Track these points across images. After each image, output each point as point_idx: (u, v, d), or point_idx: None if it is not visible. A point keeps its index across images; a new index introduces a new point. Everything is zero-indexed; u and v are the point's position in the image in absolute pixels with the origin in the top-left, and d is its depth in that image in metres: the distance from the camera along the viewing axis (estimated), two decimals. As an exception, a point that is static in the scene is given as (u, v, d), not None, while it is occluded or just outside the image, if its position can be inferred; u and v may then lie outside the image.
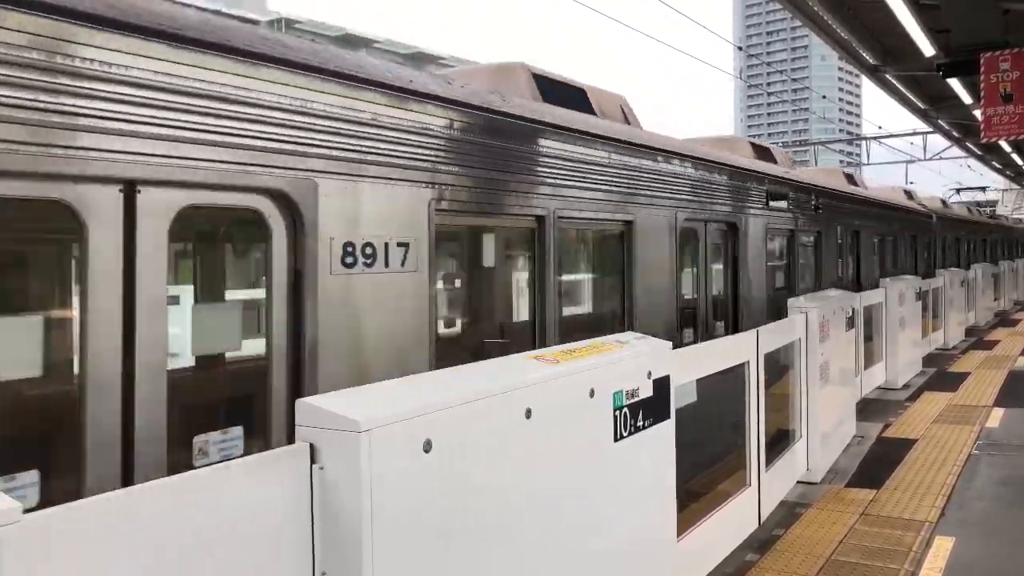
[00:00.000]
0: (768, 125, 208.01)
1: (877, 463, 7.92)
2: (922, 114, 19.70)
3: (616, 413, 3.72)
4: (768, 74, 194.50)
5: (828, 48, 14.29)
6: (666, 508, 4.24)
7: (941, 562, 5.39)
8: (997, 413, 10.07)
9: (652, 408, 4.02)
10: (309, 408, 2.44)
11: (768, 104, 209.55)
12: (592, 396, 3.54)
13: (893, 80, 15.99)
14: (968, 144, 25.63)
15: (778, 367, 7.08)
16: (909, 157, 36.92)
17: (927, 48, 12.61)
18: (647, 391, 3.98)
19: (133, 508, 1.98)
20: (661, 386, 4.11)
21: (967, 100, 15.63)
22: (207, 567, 2.12)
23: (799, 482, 7.19)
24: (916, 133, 31.54)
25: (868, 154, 38.54)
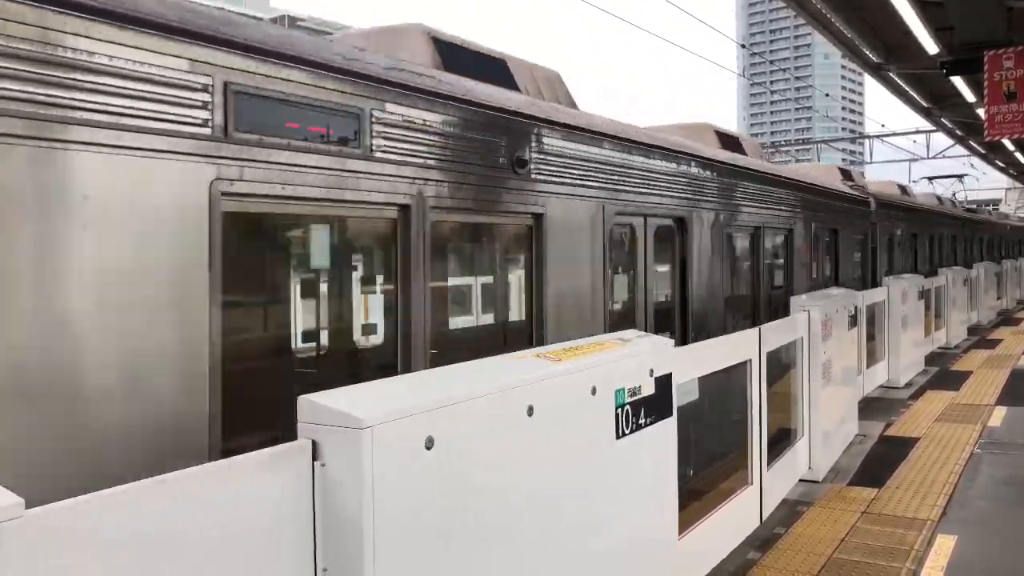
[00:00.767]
0: (771, 123, 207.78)
1: (879, 462, 7.92)
2: (925, 112, 19.67)
3: (618, 411, 3.71)
4: (771, 72, 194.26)
5: (831, 46, 14.25)
6: (668, 506, 4.24)
7: (943, 561, 5.39)
8: (999, 412, 10.06)
9: (654, 406, 4.02)
10: (311, 405, 2.44)
11: (771, 102, 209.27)
12: (594, 394, 3.54)
13: (896, 78, 15.96)
14: (971, 143, 25.58)
15: (780, 365, 7.07)
16: (912, 156, 36.86)
17: (930, 46, 12.58)
18: (649, 389, 3.98)
19: (135, 504, 1.98)
20: (663, 384, 4.11)
21: (970, 98, 15.59)
22: (209, 563, 2.12)
23: (801, 480, 7.19)
24: (919, 132, 31.47)
25: (871, 153, 38.47)
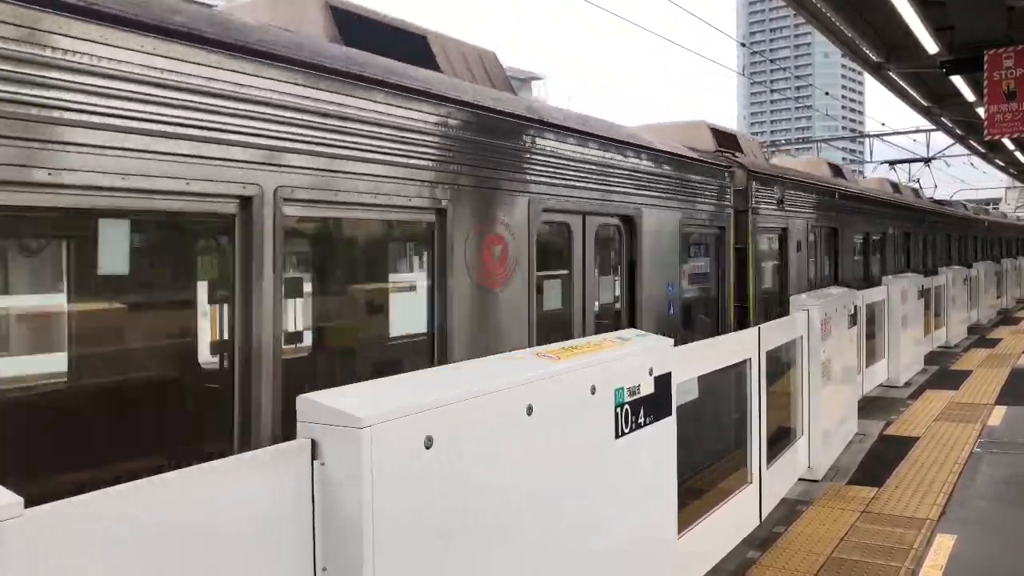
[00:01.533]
0: (771, 122, 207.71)
1: (878, 461, 7.92)
2: (925, 112, 19.65)
3: (617, 410, 3.72)
4: (771, 71, 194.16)
5: (831, 45, 14.25)
6: (667, 505, 4.24)
7: (942, 560, 5.39)
8: (999, 411, 10.07)
9: (653, 405, 4.02)
10: (311, 404, 2.44)
11: (771, 101, 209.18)
12: (593, 393, 3.54)
13: (896, 77, 15.94)
14: (972, 142, 25.55)
15: (779, 364, 7.07)
16: (912, 155, 36.82)
17: (931, 45, 12.56)
18: (648, 388, 3.98)
19: (134, 503, 1.98)
20: (662, 383, 4.11)
21: (970, 97, 15.58)
22: (208, 562, 2.13)
23: (800, 480, 7.19)
24: (920, 131, 31.43)
25: (871, 152, 38.46)
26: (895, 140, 35.70)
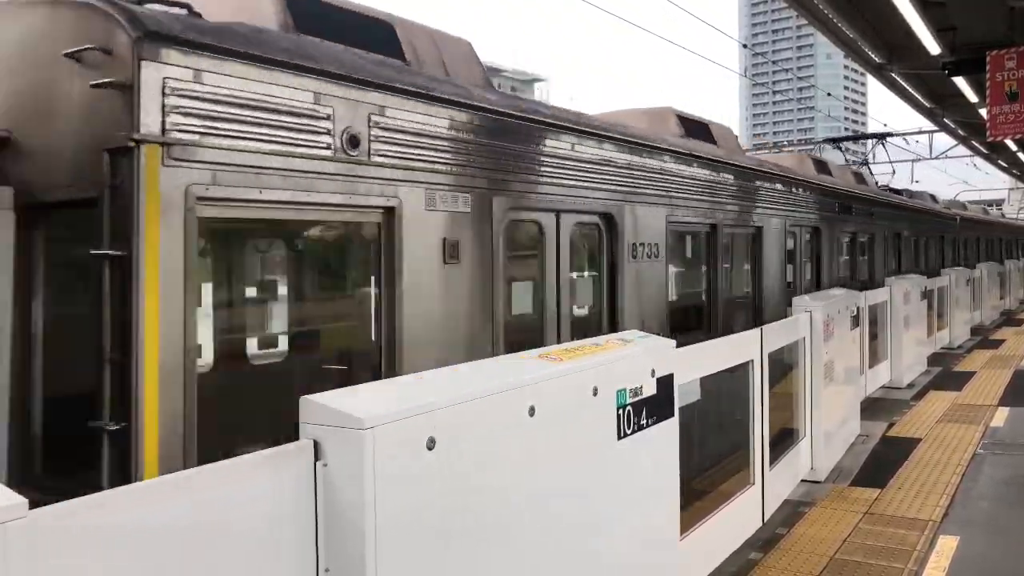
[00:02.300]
0: (773, 123, 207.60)
1: (881, 462, 7.91)
2: (928, 113, 19.64)
3: (619, 411, 3.72)
4: (773, 72, 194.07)
5: (834, 46, 14.24)
6: (669, 506, 4.24)
7: (945, 561, 5.38)
8: (1002, 413, 10.05)
9: (655, 406, 4.02)
10: (313, 406, 2.45)
11: (774, 102, 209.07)
12: (595, 394, 3.54)
13: (899, 78, 15.93)
14: (974, 143, 25.54)
15: (781, 365, 7.07)
16: (915, 156, 36.78)
17: (933, 46, 12.56)
18: (650, 389, 3.98)
19: (137, 504, 1.99)
20: (665, 384, 4.12)
21: (973, 99, 15.58)
22: (211, 562, 2.13)
23: (803, 481, 7.19)
24: (922, 132, 31.38)
25: (873, 153, 38.37)
26: (897, 141, 35.63)
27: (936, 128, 24.37)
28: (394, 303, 4.59)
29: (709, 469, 5.84)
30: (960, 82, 14.43)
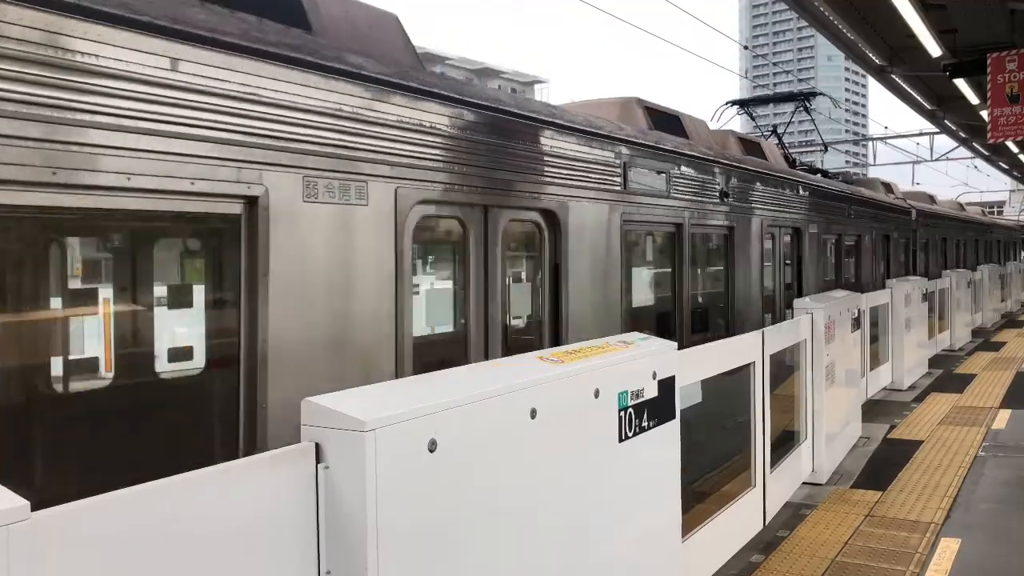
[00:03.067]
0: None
1: (883, 464, 7.91)
2: (929, 115, 19.64)
3: (621, 413, 3.72)
4: (774, 74, 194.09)
5: (834, 48, 14.25)
6: (671, 508, 4.24)
7: (947, 564, 5.38)
8: (1004, 415, 10.05)
9: (657, 408, 4.02)
10: (315, 408, 2.45)
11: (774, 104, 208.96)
12: (597, 396, 3.54)
13: (899, 80, 15.94)
14: (975, 145, 25.54)
15: (783, 368, 7.07)
16: (916, 158, 36.80)
17: (934, 48, 12.56)
18: (652, 391, 3.98)
19: (140, 506, 1.99)
20: (666, 387, 4.12)
21: (974, 100, 15.57)
22: (213, 565, 2.13)
23: (804, 483, 7.19)
24: (923, 134, 31.41)
25: (875, 155, 38.44)
26: (898, 143, 35.67)
27: (937, 130, 24.38)
28: (256, 320, 3.66)
29: (711, 471, 5.83)
30: (961, 84, 14.42)
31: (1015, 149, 24.20)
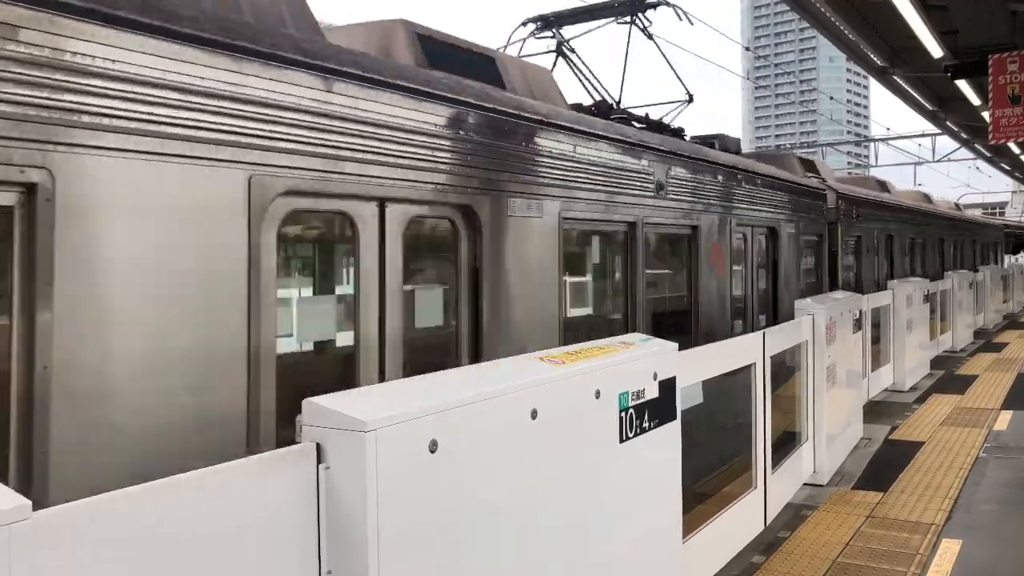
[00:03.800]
0: (776, 127, 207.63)
1: (884, 465, 7.90)
2: (930, 116, 19.64)
3: (622, 414, 3.72)
4: (776, 75, 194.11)
5: (836, 49, 14.25)
6: (672, 509, 4.24)
7: (948, 565, 5.38)
8: (1005, 416, 10.04)
9: (658, 409, 4.02)
10: (316, 408, 2.46)
11: (776, 105, 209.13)
12: (598, 397, 3.55)
13: (901, 82, 15.94)
14: (977, 146, 25.53)
15: (784, 368, 7.06)
16: (917, 159, 36.81)
17: (935, 49, 12.57)
18: (653, 392, 3.98)
19: (142, 506, 1.99)
20: (667, 387, 4.12)
21: (975, 101, 15.58)
22: (213, 565, 2.14)
23: (805, 484, 7.18)
24: (925, 135, 31.42)
25: (876, 156, 38.45)
26: (900, 144, 35.67)
27: (939, 131, 24.37)
28: (34, 340, 2.89)
29: (711, 472, 5.83)
30: (962, 85, 14.43)
31: (1017, 150, 24.19)
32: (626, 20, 10.20)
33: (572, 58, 9.71)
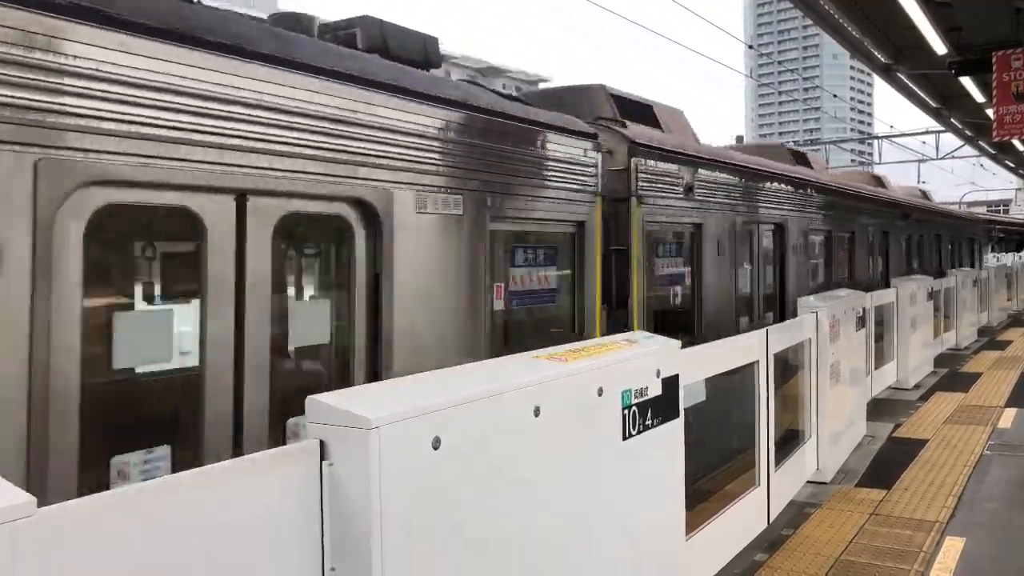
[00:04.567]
0: (779, 124, 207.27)
1: (887, 463, 7.90)
2: (934, 113, 19.59)
3: (624, 412, 3.72)
4: (779, 73, 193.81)
5: (840, 47, 14.22)
6: (675, 507, 4.24)
7: (951, 563, 5.37)
8: (1009, 414, 10.02)
9: (661, 407, 4.02)
10: (320, 405, 2.46)
11: (779, 103, 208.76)
12: (601, 395, 3.55)
13: (905, 79, 15.90)
14: (981, 143, 25.48)
15: (787, 365, 7.06)
16: (921, 156, 36.74)
17: (939, 47, 12.54)
18: (656, 390, 3.98)
19: (145, 503, 2.00)
20: (670, 385, 4.12)
21: (979, 99, 15.55)
22: (218, 562, 2.14)
23: (809, 482, 7.18)
24: (928, 132, 31.36)
25: (880, 154, 38.39)
26: (904, 142, 35.60)
27: (943, 128, 24.31)
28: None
29: (715, 470, 5.83)
30: (966, 82, 14.40)
31: (1021, 147, 24.13)
32: None
33: None
